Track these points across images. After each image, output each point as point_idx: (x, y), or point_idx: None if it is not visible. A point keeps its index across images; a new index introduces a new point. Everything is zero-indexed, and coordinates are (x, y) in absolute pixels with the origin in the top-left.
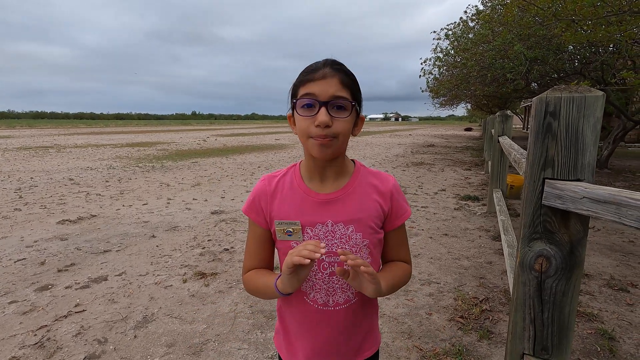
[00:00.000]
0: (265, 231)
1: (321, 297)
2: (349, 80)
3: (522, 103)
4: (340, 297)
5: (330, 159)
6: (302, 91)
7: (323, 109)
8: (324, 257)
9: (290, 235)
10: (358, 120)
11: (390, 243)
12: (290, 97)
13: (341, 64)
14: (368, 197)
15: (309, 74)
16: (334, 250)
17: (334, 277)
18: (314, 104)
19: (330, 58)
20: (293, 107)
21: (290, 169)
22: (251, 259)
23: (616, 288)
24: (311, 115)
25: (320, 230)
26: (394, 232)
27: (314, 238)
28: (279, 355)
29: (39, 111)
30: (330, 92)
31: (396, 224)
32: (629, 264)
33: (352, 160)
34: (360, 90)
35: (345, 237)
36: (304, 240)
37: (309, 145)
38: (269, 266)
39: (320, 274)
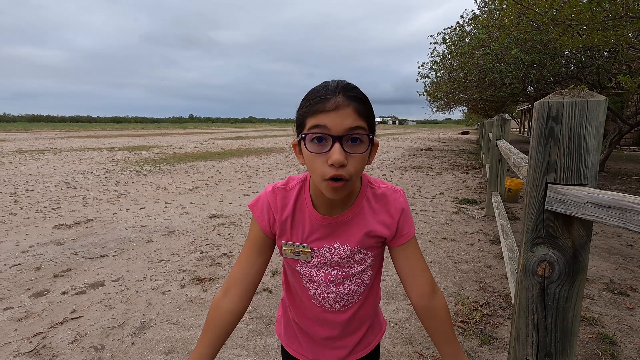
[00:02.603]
0: (265, 237)
1: (328, 303)
2: (365, 109)
3: (518, 107)
4: (346, 300)
5: (342, 197)
6: (310, 122)
7: (337, 146)
8: (330, 270)
9: (298, 255)
10: (373, 147)
11: (399, 258)
12: (296, 127)
13: (355, 88)
14: (376, 216)
15: (318, 104)
16: (340, 264)
17: (341, 287)
18: (327, 139)
19: (341, 81)
20: (300, 140)
21: (301, 186)
22: (241, 266)
23: (616, 292)
24: (323, 152)
25: (327, 251)
26: (401, 248)
27: (320, 258)
28: (282, 347)
29: (35, 114)
30: (346, 125)
31: (400, 242)
32: (628, 267)
33: None
34: (374, 114)
35: (352, 255)
36: (311, 261)
37: (321, 187)
38: (257, 278)
39: (327, 286)
